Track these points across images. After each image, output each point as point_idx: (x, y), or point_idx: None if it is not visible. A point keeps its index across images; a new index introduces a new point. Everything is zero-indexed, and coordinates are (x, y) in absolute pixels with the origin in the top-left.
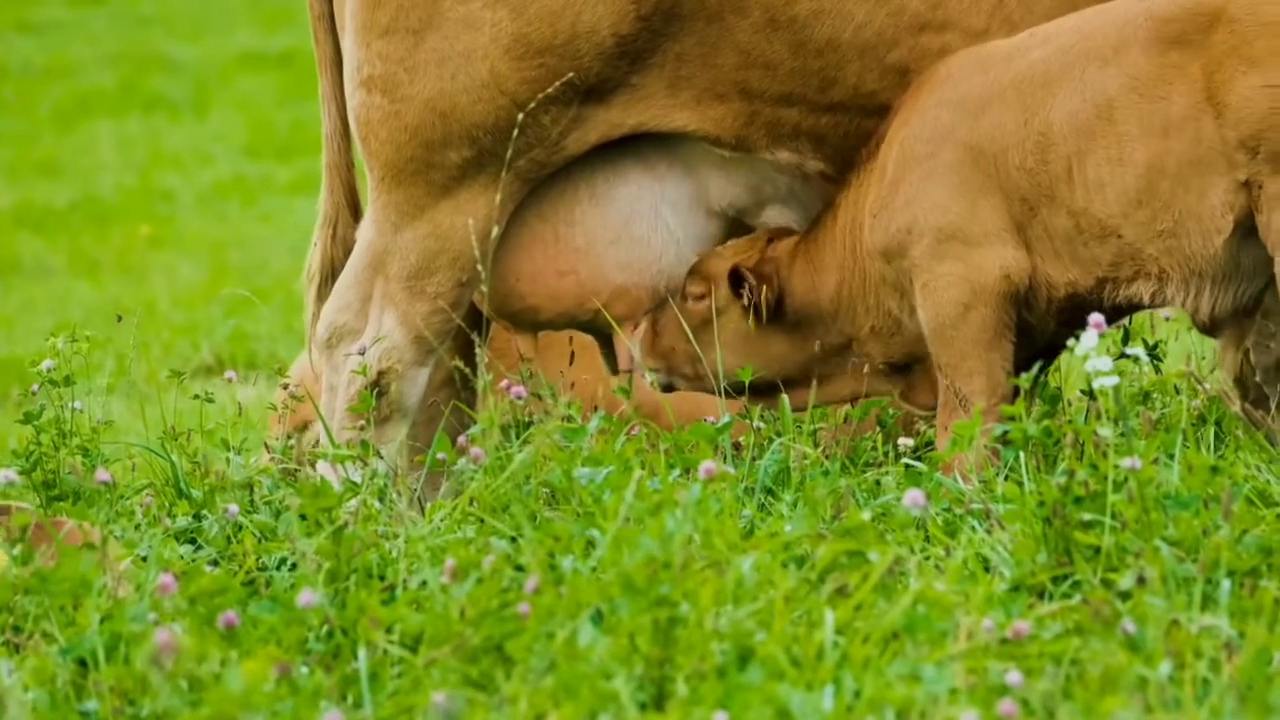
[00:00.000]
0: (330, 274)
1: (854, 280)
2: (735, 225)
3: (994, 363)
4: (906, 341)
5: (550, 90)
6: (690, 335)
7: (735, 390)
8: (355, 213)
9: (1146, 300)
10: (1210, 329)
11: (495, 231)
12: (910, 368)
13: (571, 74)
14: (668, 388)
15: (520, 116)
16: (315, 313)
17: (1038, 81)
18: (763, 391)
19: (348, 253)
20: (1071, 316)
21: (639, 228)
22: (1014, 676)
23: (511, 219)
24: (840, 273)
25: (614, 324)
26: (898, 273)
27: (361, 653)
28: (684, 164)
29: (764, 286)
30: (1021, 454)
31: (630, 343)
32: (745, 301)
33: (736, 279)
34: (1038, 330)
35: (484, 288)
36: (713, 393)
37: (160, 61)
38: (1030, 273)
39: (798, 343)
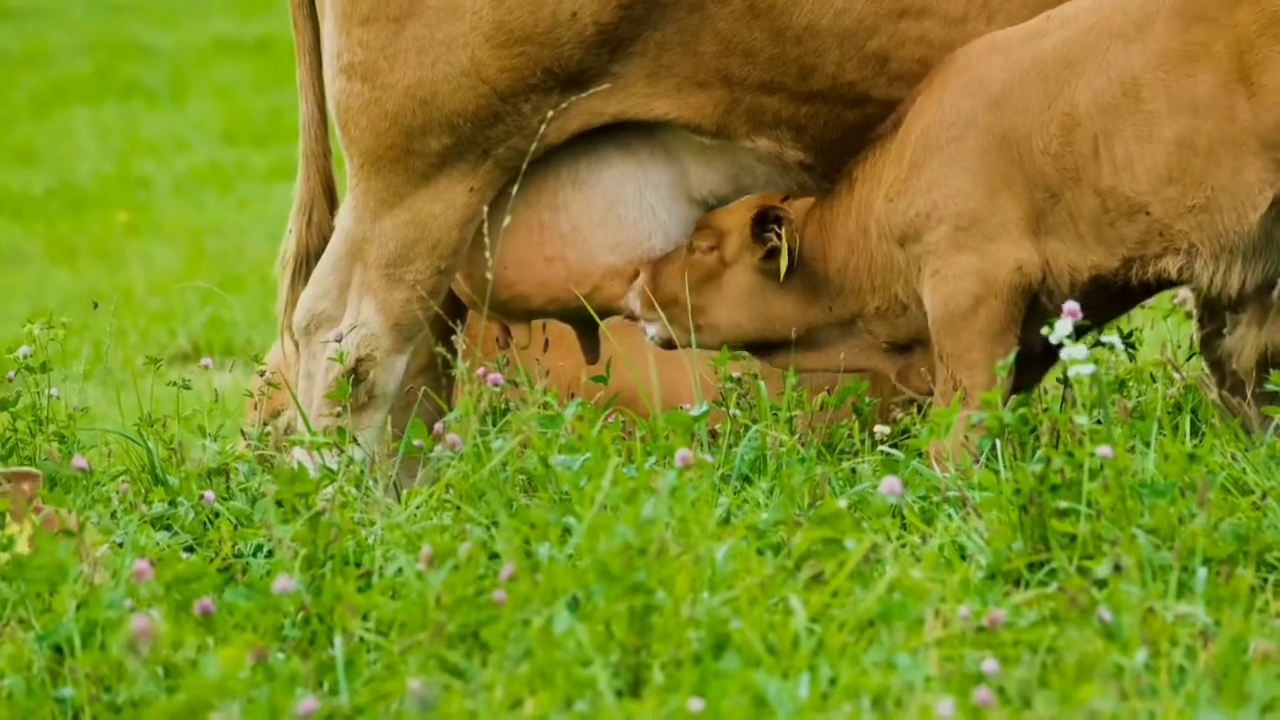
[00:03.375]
0: (305, 260)
1: (861, 258)
2: None
3: (997, 356)
4: (912, 325)
5: (532, 79)
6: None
7: (735, 346)
8: (331, 200)
9: (1174, 275)
10: (1235, 305)
11: (506, 221)
12: (912, 348)
13: (552, 62)
14: (667, 344)
15: (532, 113)
16: (289, 299)
17: (1060, 63)
18: (761, 349)
19: (323, 239)
20: (1096, 299)
21: (625, 211)
22: (990, 664)
23: (494, 207)
24: (850, 247)
25: (595, 315)
26: (908, 258)
27: (337, 639)
28: (665, 150)
29: (793, 237)
30: (998, 442)
31: (631, 295)
32: (771, 243)
33: (764, 218)
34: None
35: (489, 274)
36: (712, 347)
37: (137, 48)
38: (1044, 266)
39: (801, 306)
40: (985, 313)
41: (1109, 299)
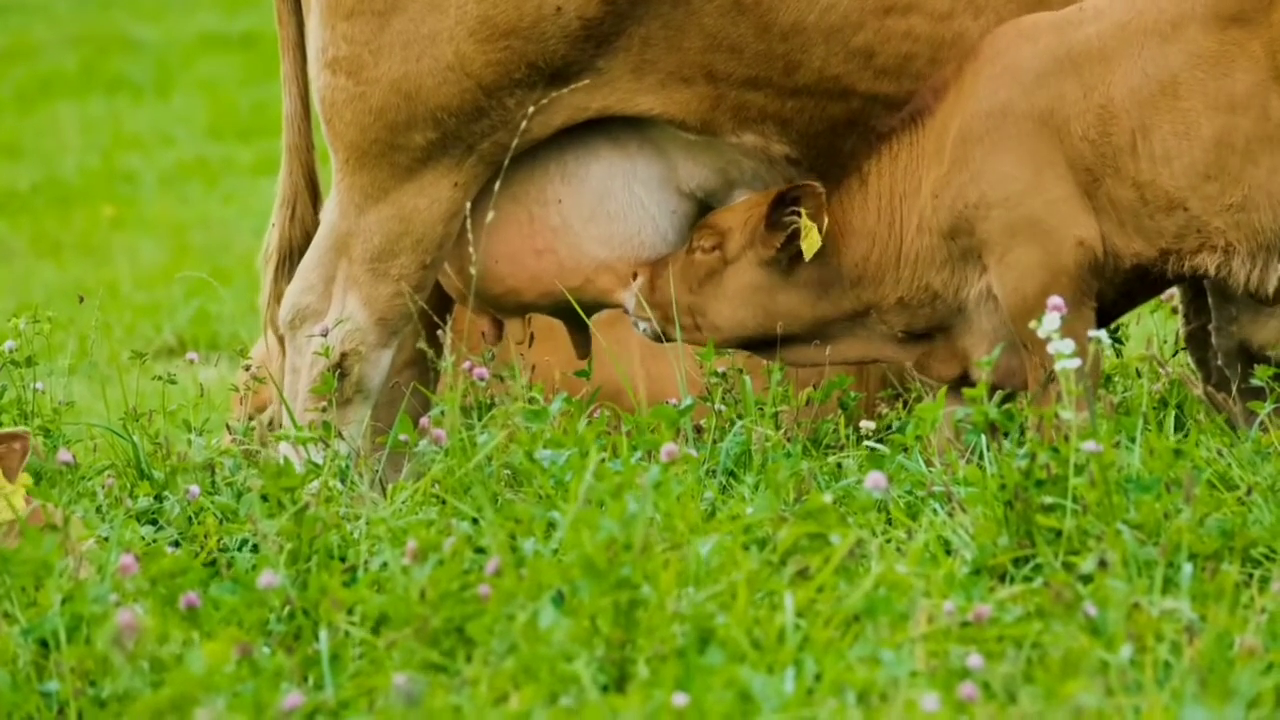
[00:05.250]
0: (288, 255)
1: (887, 252)
2: (704, 209)
3: (1079, 333)
4: (936, 314)
5: (517, 74)
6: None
7: (736, 345)
8: (314, 194)
9: (1211, 272)
10: (1272, 299)
11: (491, 217)
12: (930, 336)
13: (536, 57)
14: (658, 338)
15: (516, 107)
16: (272, 293)
17: (1095, 56)
18: (762, 346)
19: (305, 234)
20: (1133, 288)
21: (614, 204)
22: (975, 659)
23: (481, 203)
24: (871, 241)
25: (582, 313)
26: (960, 250)
27: (323, 634)
28: (653, 144)
29: (821, 212)
30: (983, 437)
31: (628, 294)
32: (793, 225)
33: (781, 202)
34: (1100, 297)
35: (473, 269)
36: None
37: (122, 43)
38: (1102, 239)
39: (809, 301)
40: (1056, 295)
41: (1144, 287)
